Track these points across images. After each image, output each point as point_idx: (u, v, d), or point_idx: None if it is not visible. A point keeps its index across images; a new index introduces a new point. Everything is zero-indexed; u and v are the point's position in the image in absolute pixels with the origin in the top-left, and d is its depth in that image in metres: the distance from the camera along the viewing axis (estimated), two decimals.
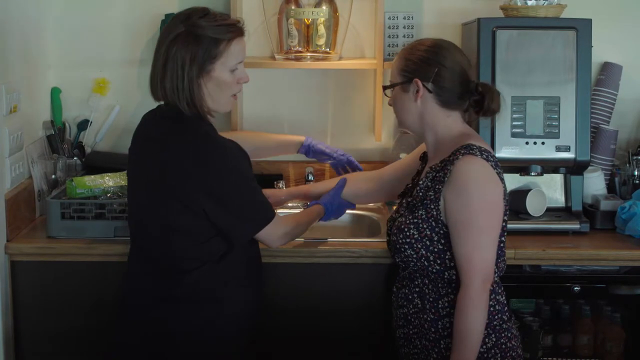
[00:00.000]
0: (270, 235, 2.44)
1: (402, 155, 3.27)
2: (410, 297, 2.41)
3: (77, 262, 2.83)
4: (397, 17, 3.37)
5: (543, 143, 2.94)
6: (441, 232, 2.31)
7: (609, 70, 3.30)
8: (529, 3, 3.05)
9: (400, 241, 2.37)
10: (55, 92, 3.34)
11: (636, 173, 3.14)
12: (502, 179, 2.31)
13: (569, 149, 2.95)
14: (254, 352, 2.54)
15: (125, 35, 3.39)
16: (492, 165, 2.29)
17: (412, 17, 3.38)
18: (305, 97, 3.47)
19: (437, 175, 2.33)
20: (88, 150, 3.34)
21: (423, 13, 3.40)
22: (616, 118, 3.31)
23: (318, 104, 3.47)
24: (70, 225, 2.87)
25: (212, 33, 2.33)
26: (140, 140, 2.45)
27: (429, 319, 2.35)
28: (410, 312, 2.41)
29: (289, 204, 3.32)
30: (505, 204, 2.33)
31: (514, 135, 2.93)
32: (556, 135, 2.95)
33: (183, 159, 2.31)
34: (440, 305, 2.34)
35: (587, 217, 2.99)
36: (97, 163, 3.21)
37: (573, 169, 2.99)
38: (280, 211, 3.23)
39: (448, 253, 2.31)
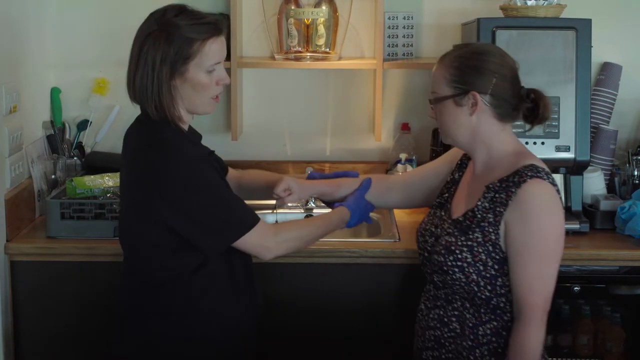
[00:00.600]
0: (256, 245, 2.26)
1: (402, 156, 3.28)
2: (446, 319, 2.26)
3: (76, 262, 2.83)
4: (396, 17, 3.37)
5: (543, 143, 2.94)
6: (497, 257, 2.16)
7: (609, 70, 3.30)
8: (529, 3, 3.05)
9: (449, 263, 2.20)
10: (55, 92, 3.34)
11: (636, 173, 3.14)
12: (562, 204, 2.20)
13: (569, 149, 2.95)
14: (253, 354, 2.52)
15: (125, 35, 3.36)
16: (556, 190, 2.17)
17: (412, 17, 3.37)
18: (305, 97, 3.47)
19: (497, 196, 2.17)
20: (88, 150, 3.33)
21: (423, 13, 3.40)
22: (616, 118, 3.32)
23: (318, 104, 3.47)
24: (70, 225, 2.87)
25: (185, 32, 2.19)
26: (123, 145, 2.36)
27: (467, 345, 2.21)
28: (445, 335, 2.26)
29: (289, 204, 3.32)
30: None
31: None
32: (556, 136, 2.95)
33: (143, 171, 2.21)
34: (480, 332, 2.21)
35: (587, 217, 2.99)
36: (96, 163, 3.21)
37: (573, 169, 2.99)
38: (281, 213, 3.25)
39: (499, 279, 2.17)
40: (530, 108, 2.24)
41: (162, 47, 2.18)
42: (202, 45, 2.21)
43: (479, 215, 2.19)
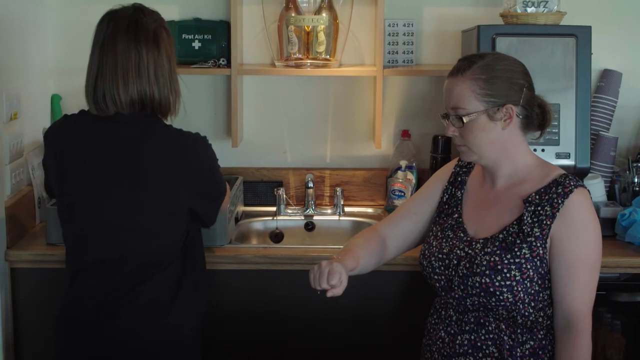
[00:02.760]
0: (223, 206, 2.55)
1: (403, 163, 3.27)
2: (479, 344, 2.18)
3: None
4: (397, 24, 3.37)
5: (543, 150, 2.94)
6: (542, 272, 2.13)
7: (609, 77, 3.30)
8: (529, 10, 3.06)
9: (497, 283, 2.11)
10: (55, 99, 3.34)
11: (636, 180, 3.13)
12: None
13: (569, 155, 2.95)
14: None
15: None
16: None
17: (412, 24, 3.38)
18: (305, 104, 3.48)
19: (540, 209, 2.13)
20: None
21: (423, 20, 3.40)
22: (616, 125, 3.32)
23: (318, 110, 3.47)
24: None
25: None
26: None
27: None
28: None
29: (289, 210, 3.33)
30: None
31: None
32: (556, 142, 2.95)
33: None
34: (519, 354, 2.15)
35: None
36: None
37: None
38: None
39: (541, 294, 2.14)
40: (539, 114, 2.22)
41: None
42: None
43: (526, 230, 2.14)
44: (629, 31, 3.38)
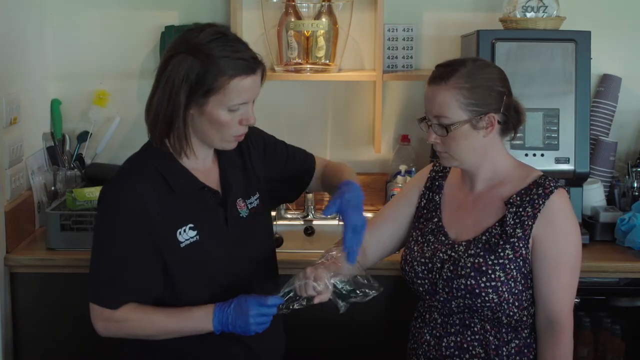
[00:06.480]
0: (92, 316, 2.11)
1: (402, 168, 3.28)
2: (465, 345, 2.19)
3: (76, 273, 2.82)
4: (396, 29, 3.37)
5: (542, 155, 2.94)
6: (525, 271, 2.14)
7: (608, 82, 3.31)
8: (528, 15, 3.06)
9: (482, 285, 2.12)
10: (55, 104, 3.34)
11: (635, 185, 3.14)
12: None
13: (569, 160, 2.96)
14: None
15: (125, 47, 3.39)
16: None
17: (412, 29, 3.38)
18: (305, 109, 3.48)
19: (522, 210, 2.15)
20: (88, 161, 3.34)
21: (422, 25, 3.40)
22: (615, 130, 3.32)
23: (317, 115, 3.48)
24: (69, 237, 2.87)
25: (213, 63, 1.96)
26: None
27: None
28: None
29: (288, 215, 3.32)
30: None
31: (513, 147, 2.91)
32: (555, 147, 2.95)
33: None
34: (505, 353, 2.16)
35: (587, 229, 2.99)
36: (96, 175, 3.20)
37: (572, 181, 2.99)
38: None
39: (524, 294, 2.15)
40: (514, 117, 2.23)
41: (184, 71, 1.97)
42: (228, 81, 1.98)
43: (509, 231, 2.15)
44: (629, 36, 3.38)
